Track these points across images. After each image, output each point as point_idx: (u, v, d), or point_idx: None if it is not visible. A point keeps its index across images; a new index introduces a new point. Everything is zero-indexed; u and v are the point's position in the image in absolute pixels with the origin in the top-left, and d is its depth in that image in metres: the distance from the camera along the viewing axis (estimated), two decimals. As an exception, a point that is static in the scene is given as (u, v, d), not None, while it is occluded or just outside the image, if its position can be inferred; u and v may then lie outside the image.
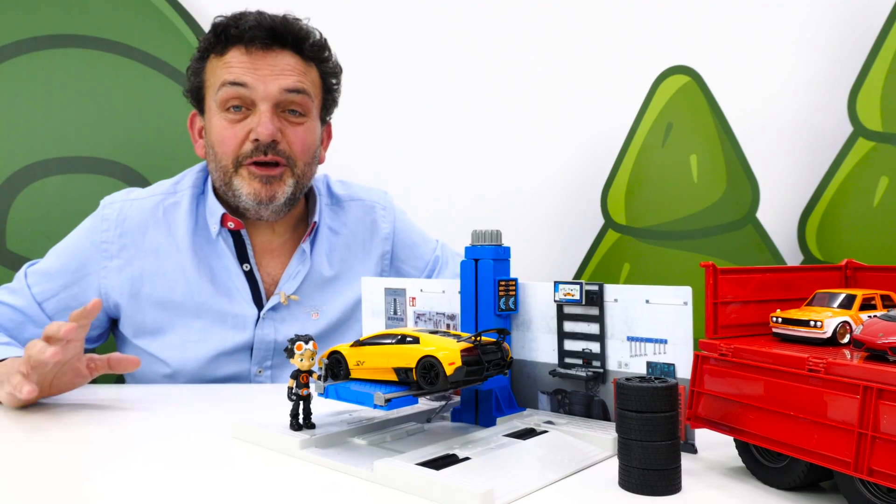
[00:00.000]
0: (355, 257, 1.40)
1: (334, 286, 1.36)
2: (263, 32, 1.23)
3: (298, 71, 1.26)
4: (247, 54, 1.23)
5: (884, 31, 1.66)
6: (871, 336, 0.62)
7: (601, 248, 1.84)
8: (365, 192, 1.47)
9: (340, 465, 0.74)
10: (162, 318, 1.29)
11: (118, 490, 0.70)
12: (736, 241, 1.72)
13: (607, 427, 0.83)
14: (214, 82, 1.26)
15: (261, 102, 1.23)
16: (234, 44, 1.24)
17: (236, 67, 1.23)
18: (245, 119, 1.24)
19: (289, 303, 1.31)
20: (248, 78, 1.22)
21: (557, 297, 0.88)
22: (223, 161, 1.26)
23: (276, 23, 1.24)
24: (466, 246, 0.93)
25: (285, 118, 1.26)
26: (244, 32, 1.22)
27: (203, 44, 1.28)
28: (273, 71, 1.24)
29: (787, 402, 0.64)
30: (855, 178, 1.69)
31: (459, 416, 0.91)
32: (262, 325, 1.30)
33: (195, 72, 1.30)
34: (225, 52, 1.25)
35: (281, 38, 1.24)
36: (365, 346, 0.81)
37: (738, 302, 0.77)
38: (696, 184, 1.75)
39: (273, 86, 1.23)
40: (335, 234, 1.40)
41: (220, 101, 1.25)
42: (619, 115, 1.85)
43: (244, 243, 1.32)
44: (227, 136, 1.24)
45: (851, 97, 1.70)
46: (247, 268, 1.32)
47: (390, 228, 1.44)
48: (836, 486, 0.64)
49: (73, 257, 1.29)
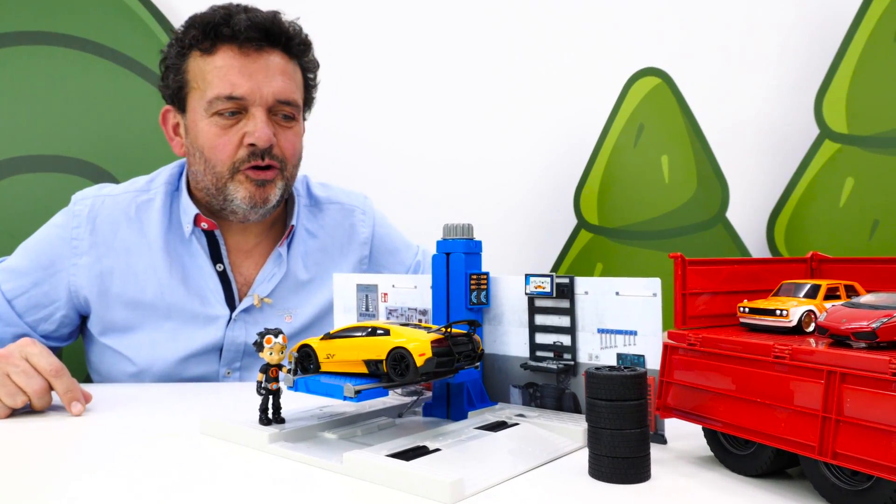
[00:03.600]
0: (332, 261, 1.38)
1: (308, 289, 1.35)
2: (258, 33, 1.19)
3: (288, 74, 1.24)
4: (239, 56, 1.19)
5: (848, 37, 1.70)
6: (834, 322, 0.63)
7: (574, 248, 1.85)
8: (345, 195, 1.45)
9: (310, 458, 0.74)
10: (131, 317, 1.27)
11: (85, 489, 0.69)
12: (706, 240, 1.74)
13: (578, 419, 0.83)
14: (202, 86, 1.21)
15: (254, 107, 1.20)
16: (226, 43, 1.19)
17: (231, 74, 1.19)
18: (237, 124, 1.21)
19: (262, 305, 1.30)
20: (243, 88, 1.18)
21: (528, 289, 0.89)
22: (218, 167, 1.22)
23: (269, 21, 1.20)
24: (438, 240, 0.93)
25: (277, 122, 1.24)
26: (238, 33, 1.18)
27: (186, 39, 1.21)
28: (266, 75, 1.20)
29: (754, 390, 0.64)
30: (822, 178, 1.72)
31: (431, 410, 0.90)
32: (234, 327, 1.28)
33: (175, 68, 1.24)
34: (214, 52, 1.20)
35: (274, 38, 1.21)
36: (335, 339, 0.80)
37: (706, 293, 0.78)
38: (668, 184, 1.77)
39: (267, 91, 1.20)
40: (312, 236, 1.38)
41: (212, 108, 1.20)
42: (591, 116, 1.86)
43: (218, 243, 1.30)
44: (221, 142, 1.20)
45: (818, 100, 1.73)
46: (220, 268, 1.29)
47: (369, 233, 1.43)
48: (803, 473, 0.65)
49: (42, 254, 1.27)
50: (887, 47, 1.68)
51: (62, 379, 0.97)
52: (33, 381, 0.95)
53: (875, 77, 1.69)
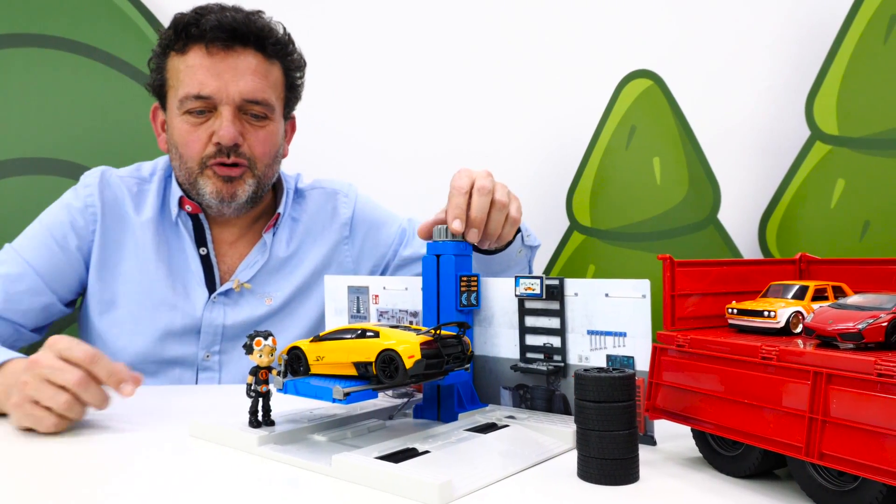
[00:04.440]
0: (312, 240, 1.40)
1: (287, 268, 1.37)
2: (225, 33, 1.20)
3: (260, 74, 1.24)
4: (208, 55, 1.21)
5: (838, 39, 1.70)
6: (821, 323, 0.63)
7: (566, 249, 1.85)
8: (329, 182, 1.47)
9: (299, 460, 0.74)
10: (118, 292, 1.30)
11: (73, 494, 0.69)
12: (698, 242, 1.74)
13: (568, 421, 0.83)
14: (176, 84, 1.25)
15: (222, 106, 1.22)
16: (196, 43, 1.22)
17: (199, 73, 1.21)
18: (207, 122, 1.24)
19: (241, 290, 1.32)
20: (210, 88, 1.21)
21: (518, 291, 0.89)
22: (188, 163, 1.26)
23: (238, 21, 1.21)
24: (428, 242, 0.93)
25: (247, 121, 1.25)
26: (205, 32, 1.20)
27: (164, 39, 1.26)
28: (235, 74, 1.22)
29: (742, 391, 0.65)
30: (813, 180, 1.73)
31: (421, 412, 0.90)
32: (212, 308, 1.30)
33: (157, 67, 1.28)
34: (186, 51, 1.23)
35: (243, 38, 1.22)
36: (325, 341, 0.80)
37: (695, 295, 0.78)
38: (659, 186, 1.78)
39: (234, 90, 1.22)
40: (295, 221, 1.41)
41: (183, 106, 1.23)
42: (583, 118, 1.86)
43: (203, 228, 1.33)
44: (191, 139, 1.24)
45: (809, 102, 1.73)
46: (203, 251, 1.33)
47: (350, 214, 1.43)
48: (790, 474, 0.65)
49: (61, 223, 1.30)
50: (877, 49, 1.68)
51: (101, 363, 0.89)
52: (70, 373, 0.86)
53: (865, 79, 1.69)
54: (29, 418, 0.86)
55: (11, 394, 0.88)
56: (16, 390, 0.87)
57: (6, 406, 0.90)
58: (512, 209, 1.04)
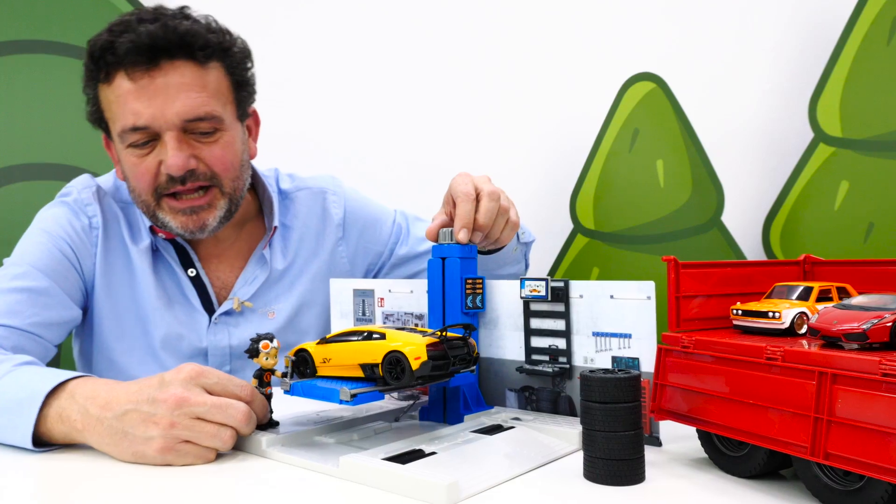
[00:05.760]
0: (309, 249, 1.33)
1: (286, 278, 1.30)
2: (143, 53, 1.06)
3: (197, 86, 1.10)
4: (133, 82, 1.07)
5: (841, 40, 1.71)
6: (826, 324, 0.63)
7: (570, 252, 1.86)
8: (312, 180, 1.39)
9: (306, 461, 0.74)
10: (123, 318, 1.23)
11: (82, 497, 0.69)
12: (702, 244, 1.74)
13: (573, 422, 0.83)
14: (111, 117, 1.13)
15: (164, 133, 1.09)
16: (116, 69, 1.08)
17: (129, 103, 1.08)
18: (153, 151, 1.11)
19: (241, 308, 1.25)
20: (145, 117, 1.08)
21: (524, 293, 0.89)
22: (142, 196, 1.15)
23: (155, 35, 1.06)
24: (434, 245, 0.93)
25: (196, 139, 1.12)
26: (122, 58, 1.06)
27: (86, 70, 1.13)
28: (167, 96, 1.08)
29: (747, 391, 0.65)
30: (816, 182, 1.73)
31: (427, 414, 0.91)
32: (215, 331, 1.24)
33: (90, 99, 1.16)
34: (110, 80, 1.09)
35: (166, 51, 1.07)
36: (331, 343, 0.80)
37: (700, 296, 0.79)
38: (663, 189, 1.78)
39: (171, 114, 1.08)
40: (287, 228, 1.33)
41: (124, 140, 1.12)
42: (586, 121, 1.87)
43: (185, 249, 1.25)
44: (140, 171, 1.13)
45: (812, 104, 1.73)
46: (192, 273, 1.25)
47: (342, 214, 1.36)
48: (796, 474, 0.66)
49: (66, 236, 1.20)
50: (881, 51, 1.69)
51: (257, 398, 0.83)
52: (235, 411, 0.78)
53: (869, 80, 1.69)
54: (183, 457, 0.77)
55: (129, 433, 0.78)
56: (155, 431, 0.76)
57: (106, 440, 0.79)
58: (511, 214, 1.04)
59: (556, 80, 1.92)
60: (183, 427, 0.76)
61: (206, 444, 0.77)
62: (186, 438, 0.76)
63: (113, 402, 0.80)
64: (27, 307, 1.11)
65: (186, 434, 0.76)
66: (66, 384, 0.84)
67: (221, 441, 0.77)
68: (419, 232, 1.40)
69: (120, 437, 0.78)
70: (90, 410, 0.80)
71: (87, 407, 0.81)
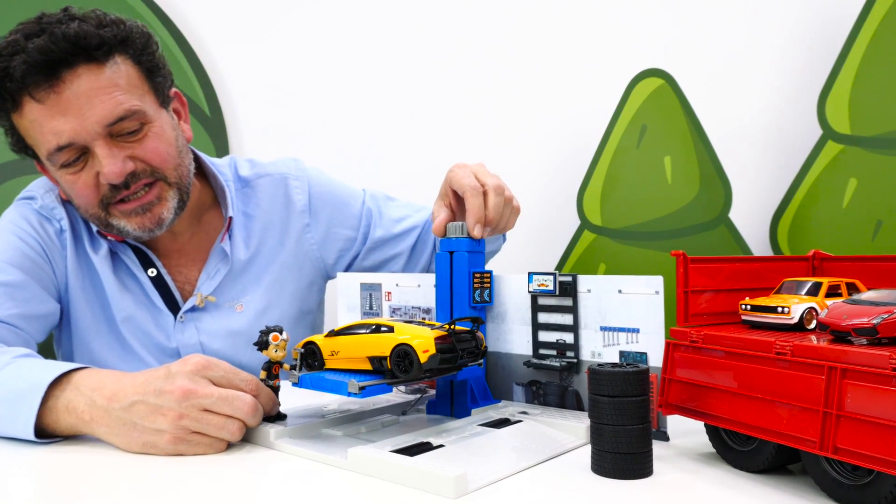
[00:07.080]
0: (274, 238, 1.29)
1: (251, 271, 1.26)
2: (41, 73, 1.00)
3: (107, 87, 1.04)
4: (41, 103, 1.02)
5: (851, 37, 1.70)
6: (835, 319, 0.63)
7: (577, 248, 1.85)
8: (273, 166, 1.33)
9: (314, 453, 0.74)
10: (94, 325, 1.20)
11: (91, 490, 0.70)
12: (709, 241, 1.74)
13: (581, 416, 0.84)
14: (33, 143, 1.08)
15: (91, 144, 1.05)
16: (20, 94, 1.03)
17: (45, 125, 1.03)
18: (87, 164, 1.07)
19: (205, 303, 1.22)
20: (66, 134, 1.03)
21: (532, 287, 0.89)
22: (90, 210, 1.11)
23: (46, 50, 0.99)
24: (441, 239, 0.94)
25: (124, 140, 1.07)
26: (21, 82, 1.01)
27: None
28: (80, 106, 1.02)
29: (756, 386, 0.65)
30: (825, 179, 1.72)
31: (435, 407, 0.91)
32: (182, 329, 1.20)
33: (7, 130, 1.10)
34: (19, 107, 1.04)
35: (64, 61, 1.01)
36: (339, 336, 0.81)
37: (708, 291, 0.78)
38: (670, 185, 1.77)
39: (91, 122, 1.03)
40: (249, 217, 1.28)
41: (55, 163, 1.07)
42: (593, 117, 1.86)
43: (141, 249, 1.21)
44: (79, 189, 1.09)
45: (821, 101, 1.73)
46: (153, 272, 1.21)
47: (305, 199, 1.31)
48: (804, 468, 0.66)
49: (35, 238, 1.16)
50: (891, 48, 1.68)
51: (263, 390, 0.83)
52: (242, 402, 0.79)
53: (878, 78, 1.68)
54: (195, 447, 0.78)
55: (139, 425, 0.78)
56: (163, 422, 0.77)
57: (114, 431, 0.80)
58: (514, 202, 1.05)
59: (563, 76, 1.92)
60: (191, 419, 0.77)
61: (215, 434, 0.78)
62: (195, 430, 0.77)
63: (119, 394, 0.80)
64: (5, 300, 1.08)
65: (195, 425, 0.77)
66: (69, 375, 0.84)
67: (229, 433, 0.78)
68: (393, 213, 1.36)
69: (129, 428, 0.78)
70: (97, 401, 0.80)
71: (94, 398, 0.81)
